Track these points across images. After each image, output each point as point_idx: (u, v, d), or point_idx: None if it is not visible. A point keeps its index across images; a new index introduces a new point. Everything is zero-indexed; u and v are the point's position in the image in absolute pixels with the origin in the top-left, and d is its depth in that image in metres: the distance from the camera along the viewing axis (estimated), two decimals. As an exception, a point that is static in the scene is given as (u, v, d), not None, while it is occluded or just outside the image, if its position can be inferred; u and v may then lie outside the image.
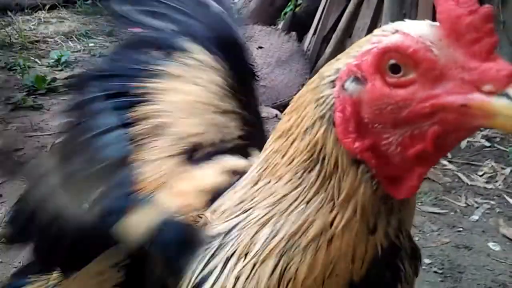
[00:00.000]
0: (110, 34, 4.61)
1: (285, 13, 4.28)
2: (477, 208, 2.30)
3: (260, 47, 3.74)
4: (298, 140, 0.61)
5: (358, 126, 0.57)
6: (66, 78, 3.64)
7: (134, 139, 0.76)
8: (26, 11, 5.07)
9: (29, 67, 3.76)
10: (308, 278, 0.58)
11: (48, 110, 3.17)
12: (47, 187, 0.66)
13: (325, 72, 0.61)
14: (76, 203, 0.65)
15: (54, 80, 3.52)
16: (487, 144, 2.82)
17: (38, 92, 3.36)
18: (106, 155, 0.72)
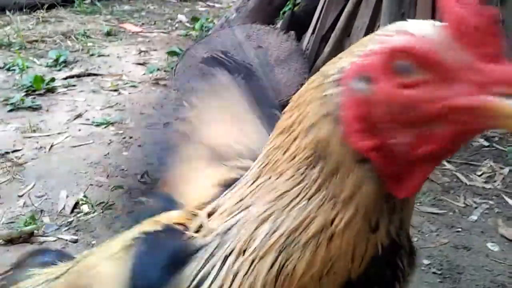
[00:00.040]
0: (108, 34, 4.62)
1: (283, 12, 4.27)
2: (475, 208, 2.31)
3: (259, 47, 3.73)
4: (300, 137, 0.61)
5: (365, 126, 0.57)
6: (65, 78, 3.63)
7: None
8: (24, 10, 5.06)
9: (27, 67, 3.74)
10: (306, 274, 0.58)
11: (47, 111, 3.17)
12: None
13: (328, 70, 0.61)
14: None
15: (53, 80, 3.50)
16: (486, 143, 2.82)
17: (37, 92, 3.36)
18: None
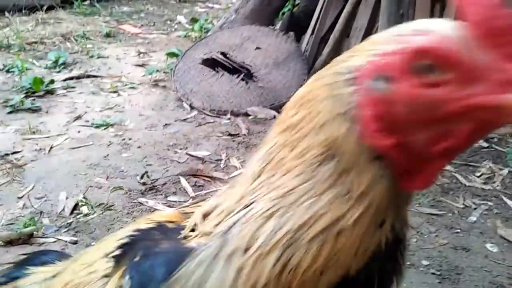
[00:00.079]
0: (107, 35, 4.62)
1: (283, 13, 4.28)
2: (475, 209, 2.31)
3: (258, 48, 3.74)
4: (311, 135, 0.60)
5: (386, 125, 0.57)
6: (64, 80, 3.64)
7: None
8: (23, 12, 5.07)
9: (27, 69, 3.75)
10: (309, 269, 0.58)
11: (46, 112, 3.17)
12: None
13: (341, 69, 0.61)
14: None
15: (52, 81, 3.51)
16: (485, 145, 2.82)
17: (36, 94, 3.36)
18: None
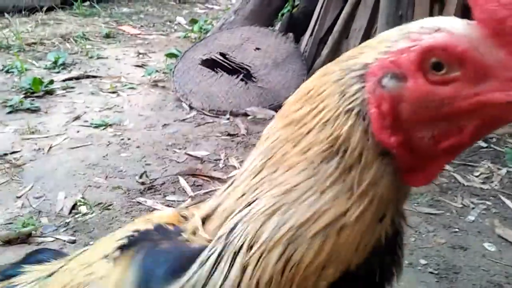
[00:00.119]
0: (107, 36, 4.63)
1: (282, 14, 4.29)
2: (473, 208, 2.31)
3: (257, 49, 3.75)
4: (316, 130, 0.60)
5: (393, 122, 0.57)
6: (64, 80, 3.65)
7: None
8: (23, 13, 5.09)
9: (26, 69, 3.76)
10: (312, 264, 0.58)
11: (46, 113, 3.18)
12: None
13: (349, 65, 0.61)
14: None
15: (52, 82, 3.52)
16: (484, 144, 2.83)
17: (35, 94, 3.37)
18: None
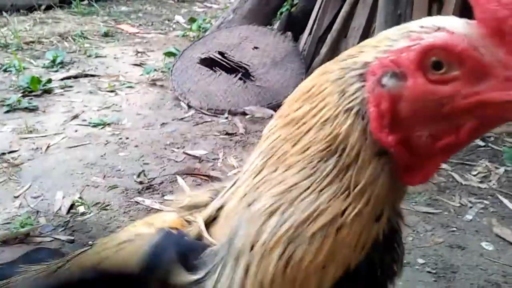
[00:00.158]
0: (105, 35, 4.62)
1: (281, 13, 4.29)
2: (471, 207, 2.31)
3: (255, 47, 3.74)
4: (314, 129, 0.60)
5: (393, 121, 0.58)
6: (62, 79, 3.64)
7: None
8: (21, 11, 5.07)
9: (24, 68, 3.75)
10: (312, 264, 0.59)
11: (44, 112, 3.17)
12: None
13: (349, 64, 0.61)
14: None
15: (50, 81, 3.51)
16: (482, 143, 2.83)
17: (33, 93, 3.36)
18: None
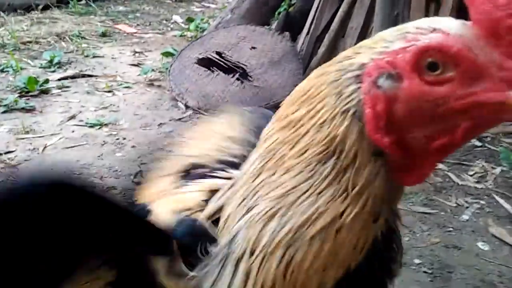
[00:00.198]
0: (103, 35, 4.62)
1: (278, 13, 4.29)
2: (467, 208, 2.32)
3: (253, 48, 3.74)
4: (312, 132, 0.60)
5: (389, 122, 0.58)
6: (59, 79, 3.63)
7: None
8: (18, 11, 5.06)
9: (21, 68, 3.74)
10: (312, 266, 0.59)
11: (41, 112, 3.17)
12: None
13: (345, 65, 0.61)
14: None
15: (47, 81, 3.50)
16: (478, 144, 2.83)
17: (30, 93, 3.35)
18: None
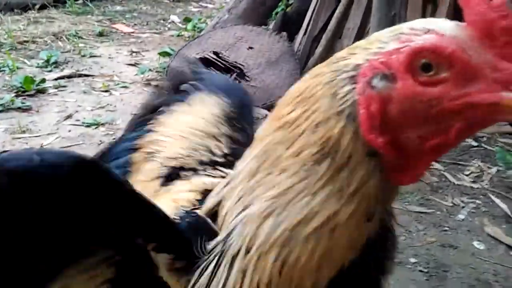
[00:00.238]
0: (100, 35, 4.61)
1: (276, 13, 4.29)
2: (463, 207, 2.33)
3: (250, 48, 3.74)
4: (308, 133, 0.60)
5: (383, 122, 0.58)
6: (56, 79, 3.63)
7: (134, 163, 0.96)
8: (15, 11, 5.05)
9: (18, 68, 3.73)
10: (308, 264, 0.59)
11: (37, 112, 3.16)
12: None
13: (340, 66, 0.61)
14: None
15: (43, 81, 3.50)
16: (474, 143, 2.84)
17: (27, 93, 3.35)
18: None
